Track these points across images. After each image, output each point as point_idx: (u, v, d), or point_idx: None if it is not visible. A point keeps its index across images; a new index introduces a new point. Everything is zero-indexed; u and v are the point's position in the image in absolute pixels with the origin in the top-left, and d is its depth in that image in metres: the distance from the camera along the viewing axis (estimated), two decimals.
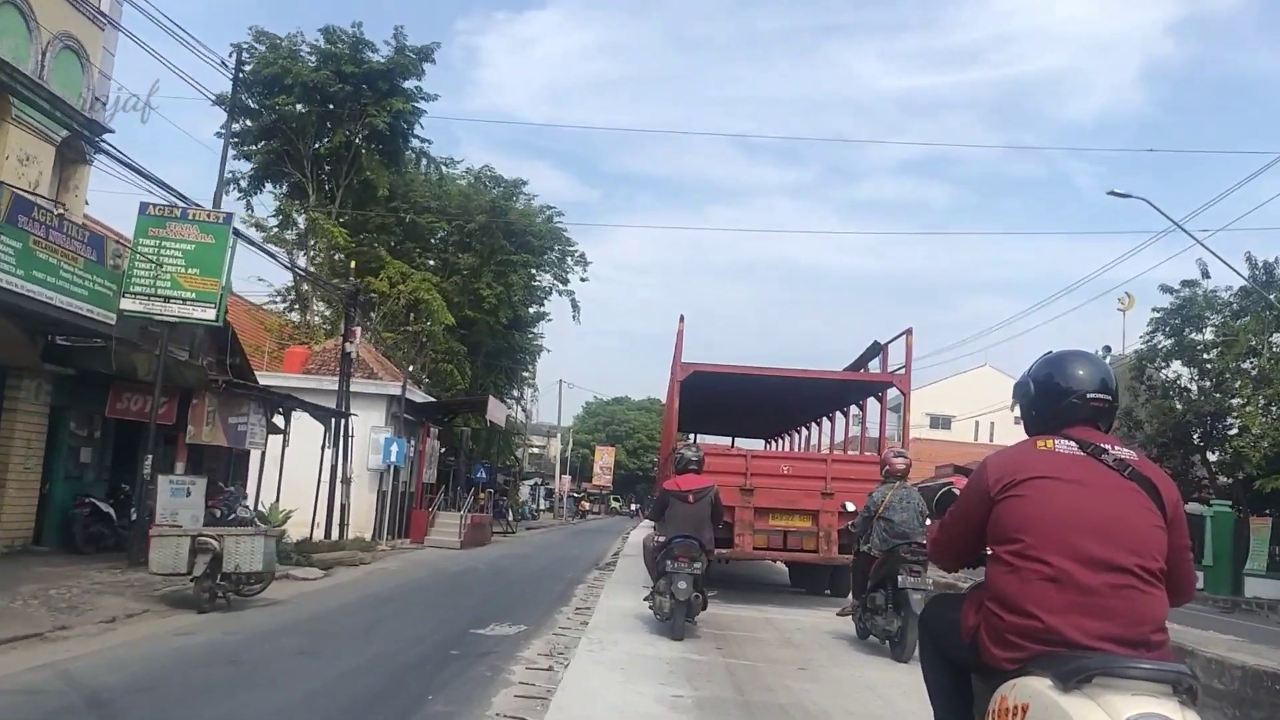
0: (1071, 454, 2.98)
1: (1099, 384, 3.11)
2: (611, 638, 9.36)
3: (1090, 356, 3.30)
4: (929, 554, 3.95)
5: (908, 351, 14.17)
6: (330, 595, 13.65)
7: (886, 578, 9.26)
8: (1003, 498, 2.98)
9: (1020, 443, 3.19)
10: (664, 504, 10.30)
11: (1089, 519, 2.83)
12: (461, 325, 40.79)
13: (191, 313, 13.96)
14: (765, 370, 15.11)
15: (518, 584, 16.93)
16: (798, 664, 8.75)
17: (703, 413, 19.58)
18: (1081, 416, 3.09)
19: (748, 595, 14.85)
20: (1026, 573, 2.82)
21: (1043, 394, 3.19)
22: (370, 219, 35.59)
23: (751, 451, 18.16)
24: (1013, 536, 2.90)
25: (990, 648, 2.89)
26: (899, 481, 9.87)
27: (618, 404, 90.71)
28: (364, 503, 25.25)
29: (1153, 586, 2.80)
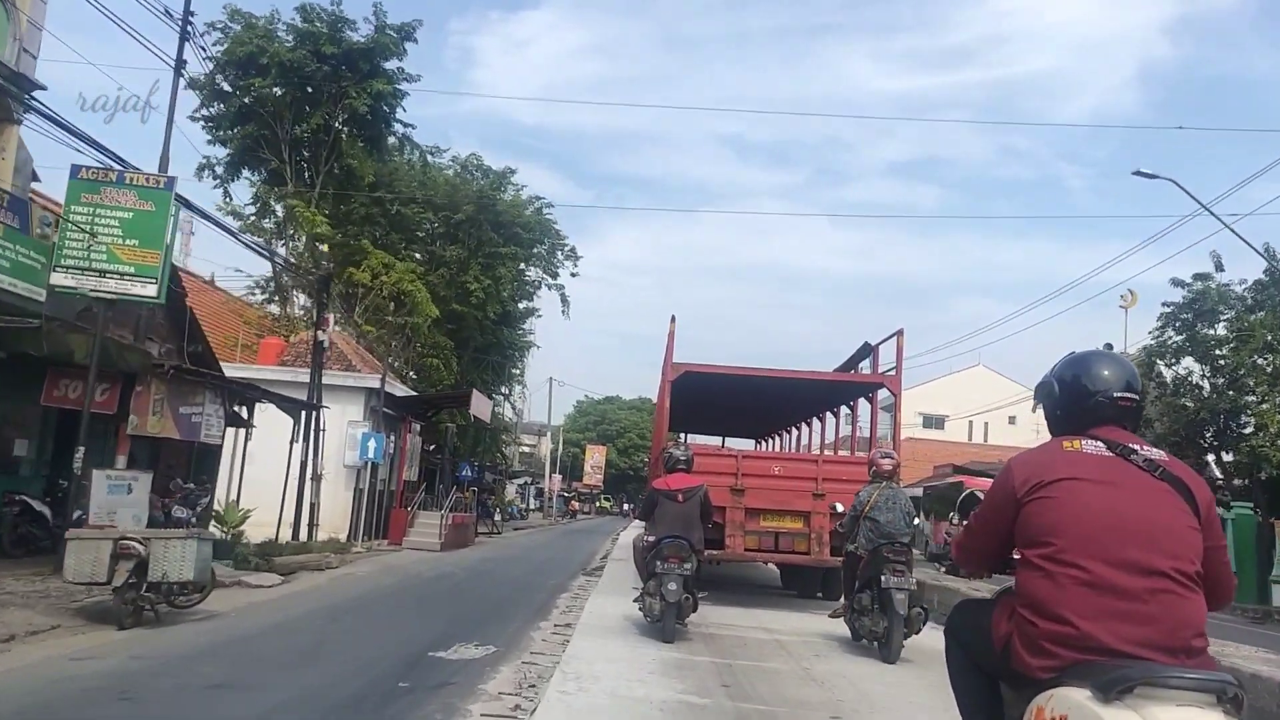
0: (1100, 454, 2.89)
1: (1125, 384, 3.03)
2: (592, 670, 7.77)
3: (1115, 356, 3.22)
4: (954, 559, 3.58)
5: (899, 352, 13.92)
6: (281, 606, 12.05)
7: (872, 578, 9.17)
8: (1030, 499, 2.87)
9: (1045, 443, 3.07)
10: (653, 503, 10.09)
11: (1123, 521, 2.73)
12: (448, 320, 39.22)
13: (130, 288, 12.34)
14: (756, 371, 14.80)
15: (494, 592, 15.33)
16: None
17: (694, 413, 19.29)
18: (1108, 416, 3.00)
19: (739, 598, 14.39)
20: (1060, 577, 2.71)
21: (1068, 394, 3.10)
22: (354, 210, 34.01)
23: (742, 452, 17.69)
24: (1043, 540, 2.80)
25: (1024, 656, 2.77)
26: (886, 482, 9.81)
27: (609, 403, 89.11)
28: (340, 501, 23.68)
29: (1191, 590, 2.69)
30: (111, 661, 7.81)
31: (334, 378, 23.91)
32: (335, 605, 12.55)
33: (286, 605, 12.19)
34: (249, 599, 12.46)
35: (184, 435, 14.27)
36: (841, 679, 8.12)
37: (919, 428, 71.55)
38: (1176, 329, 30.97)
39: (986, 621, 3.07)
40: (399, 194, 35.00)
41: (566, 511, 65.26)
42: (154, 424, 13.39)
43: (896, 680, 8.25)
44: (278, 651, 9.05)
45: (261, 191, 31.59)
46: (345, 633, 10.46)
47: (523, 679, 7.66)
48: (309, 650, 9.14)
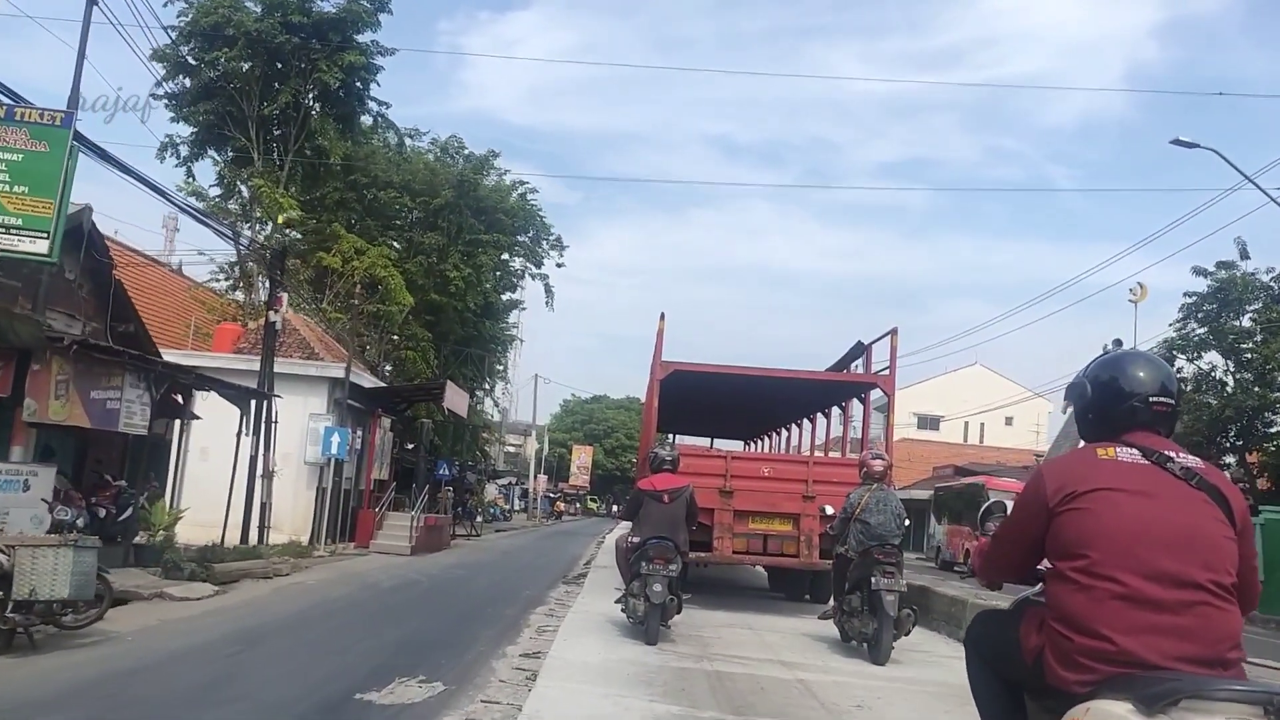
0: (1135, 462, 2.76)
1: (1160, 387, 2.89)
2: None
3: (1151, 358, 3.11)
4: (974, 569, 3.31)
5: (892, 352, 13.54)
6: (199, 626, 9.98)
7: (862, 580, 9.05)
8: (1064, 510, 2.74)
9: (1077, 450, 3.00)
10: (638, 503, 9.84)
11: (1160, 532, 2.63)
12: (427, 310, 37.10)
13: (16, 244, 10.30)
14: (747, 370, 14.26)
15: (458, 606, 13.26)
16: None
17: (683, 413, 18.74)
18: (1142, 421, 2.86)
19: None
20: (1096, 591, 2.61)
21: (1101, 397, 2.95)
22: (327, 195, 31.91)
23: (731, 453, 17.36)
24: (1078, 552, 2.67)
25: (1058, 670, 2.66)
26: (877, 483, 9.61)
27: (596, 402, 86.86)
28: (301, 501, 21.57)
29: (1227, 602, 2.60)
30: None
31: (294, 366, 21.81)
32: (264, 624, 10.49)
33: (206, 625, 10.12)
34: (164, 615, 10.41)
35: (96, 423, 12.14)
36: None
37: (913, 428, 69.81)
38: (1199, 320, 29.25)
39: (1014, 634, 2.93)
40: (374, 178, 32.89)
41: (552, 513, 63.07)
42: (57, 409, 11.27)
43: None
44: (163, 691, 7.03)
45: (226, 172, 29.41)
46: (262, 663, 8.41)
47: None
48: (204, 689, 7.08)
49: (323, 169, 31.74)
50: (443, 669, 7.90)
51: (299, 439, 21.49)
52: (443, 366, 37.09)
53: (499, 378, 45.29)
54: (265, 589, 13.60)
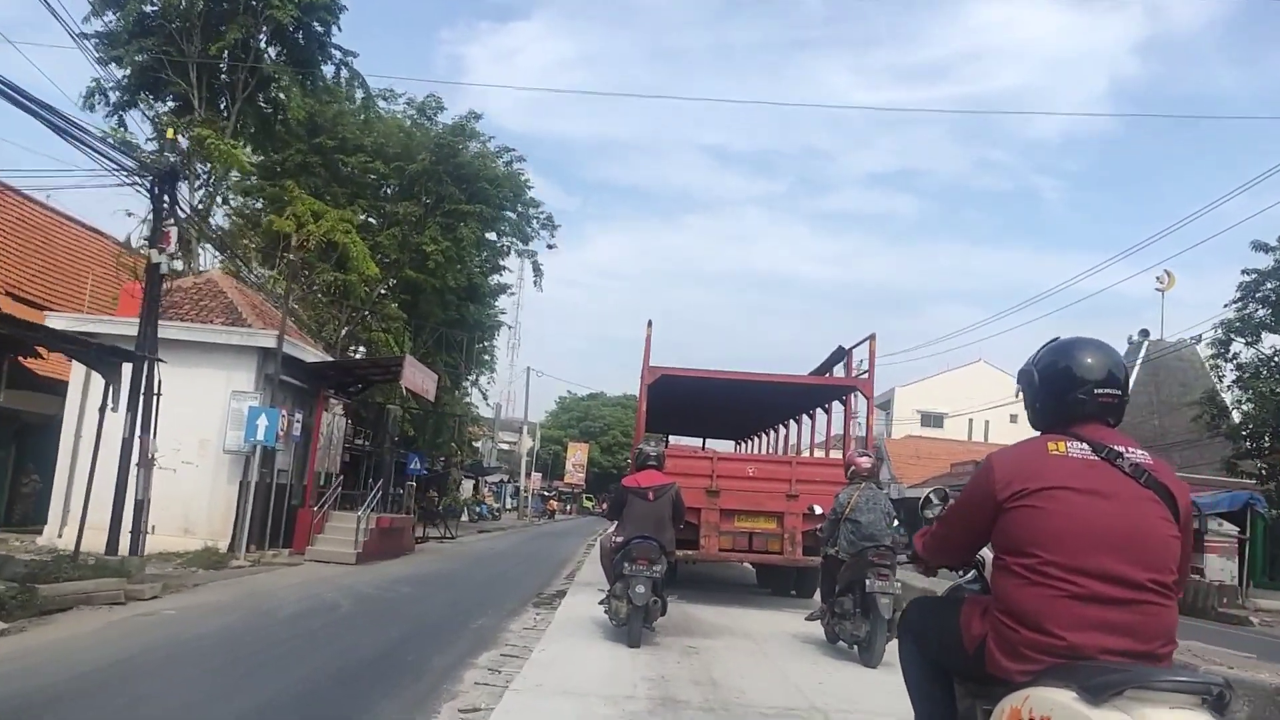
0: (1085, 459, 2.69)
1: (1108, 375, 2.77)
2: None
3: (1099, 344, 2.88)
4: (916, 552, 3.18)
5: (871, 356, 13.78)
6: None
7: (854, 581, 8.70)
8: (1013, 506, 2.68)
9: (1028, 442, 2.84)
10: (622, 501, 9.35)
11: (1110, 534, 2.59)
12: (403, 289, 32.92)
13: None
14: (732, 374, 14.42)
15: (363, 652, 8.76)
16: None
17: (674, 415, 19.03)
18: (1089, 412, 2.77)
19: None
20: (1046, 589, 2.57)
21: (1048, 386, 2.85)
22: (288, 158, 27.68)
23: (717, 453, 17.13)
24: (1027, 550, 2.63)
25: (1002, 660, 2.63)
26: (865, 482, 9.33)
27: (592, 399, 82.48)
28: (220, 498, 17.30)
29: (1167, 599, 2.62)
30: None
31: (214, 333, 17.53)
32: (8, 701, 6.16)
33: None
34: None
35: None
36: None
37: (917, 425, 65.69)
38: (1259, 300, 25.27)
39: (953, 621, 2.87)
40: (342, 140, 28.60)
41: (544, 511, 58.67)
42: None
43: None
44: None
45: (164, 121, 25.07)
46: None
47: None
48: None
49: (281, 127, 27.54)
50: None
51: (218, 422, 17.22)
52: (423, 354, 32.84)
53: (485, 366, 40.97)
54: (94, 624, 9.28)
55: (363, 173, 30.24)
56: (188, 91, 24.39)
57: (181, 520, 17.09)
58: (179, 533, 17.00)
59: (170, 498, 17.09)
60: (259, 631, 9.65)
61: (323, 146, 28.31)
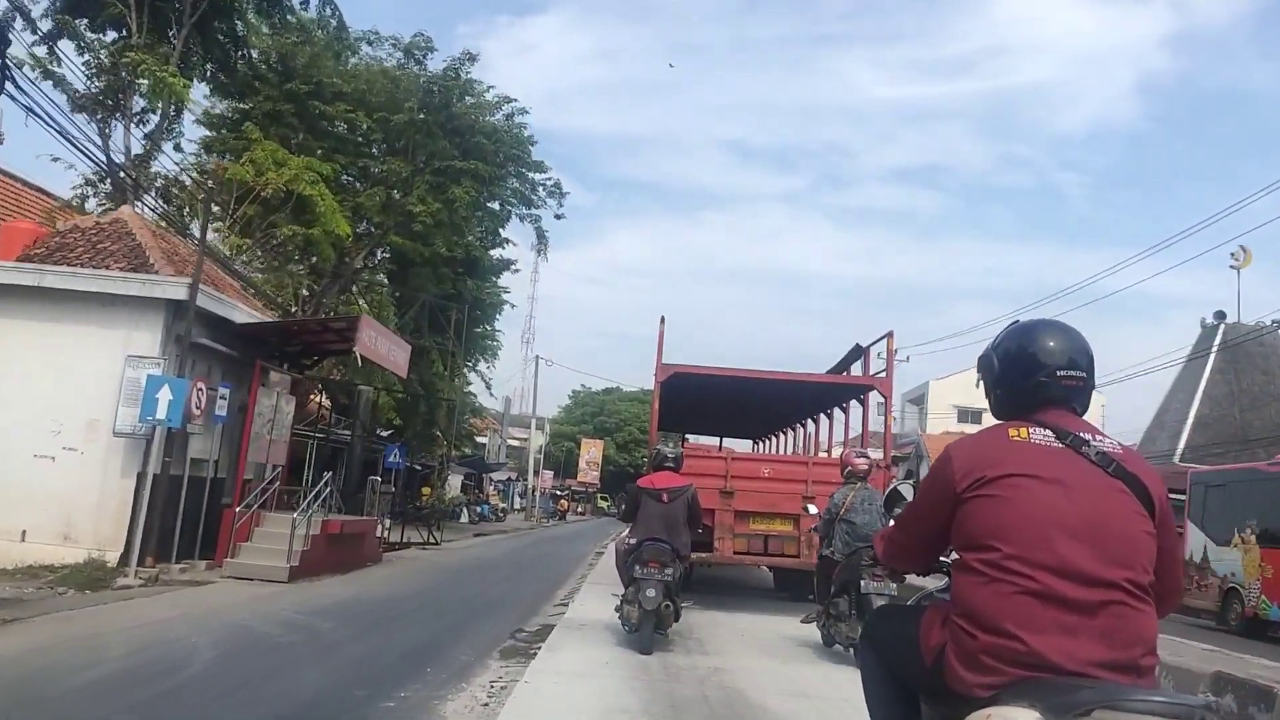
0: (1048, 446, 2.40)
1: (1069, 359, 2.50)
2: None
3: (1061, 326, 2.63)
4: (878, 555, 2.92)
5: (889, 354, 13.42)
6: None
7: (849, 583, 8.47)
8: (972, 496, 2.37)
9: (988, 430, 2.55)
10: (636, 503, 8.95)
11: (1073, 525, 2.26)
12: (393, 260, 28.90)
13: None
14: (745, 372, 13.58)
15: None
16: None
17: (689, 413, 18.24)
18: (1053, 397, 2.49)
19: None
20: (1005, 585, 2.23)
21: (1008, 370, 2.57)
22: (255, 105, 23.57)
23: (731, 453, 16.91)
24: (985, 543, 2.30)
25: (960, 671, 2.27)
26: (861, 482, 9.09)
27: (607, 394, 78.02)
28: (112, 496, 13.06)
29: (1143, 603, 2.25)
30: None
31: (103, 281, 13.29)
32: None
33: None
34: None
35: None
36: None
37: (953, 422, 60.95)
38: None
39: (913, 630, 2.53)
40: (318, 84, 24.41)
41: (554, 512, 54.28)
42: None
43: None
44: None
45: (100, 49, 20.90)
46: None
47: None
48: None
49: (244, 67, 23.46)
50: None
51: (109, 396, 13.02)
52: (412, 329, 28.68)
53: (488, 351, 36.69)
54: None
55: (343, 125, 26.08)
56: (125, 15, 20.27)
57: (61, 524, 12.93)
58: (57, 539, 12.88)
59: (47, 494, 13.02)
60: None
61: (295, 93, 24.12)
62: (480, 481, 46.98)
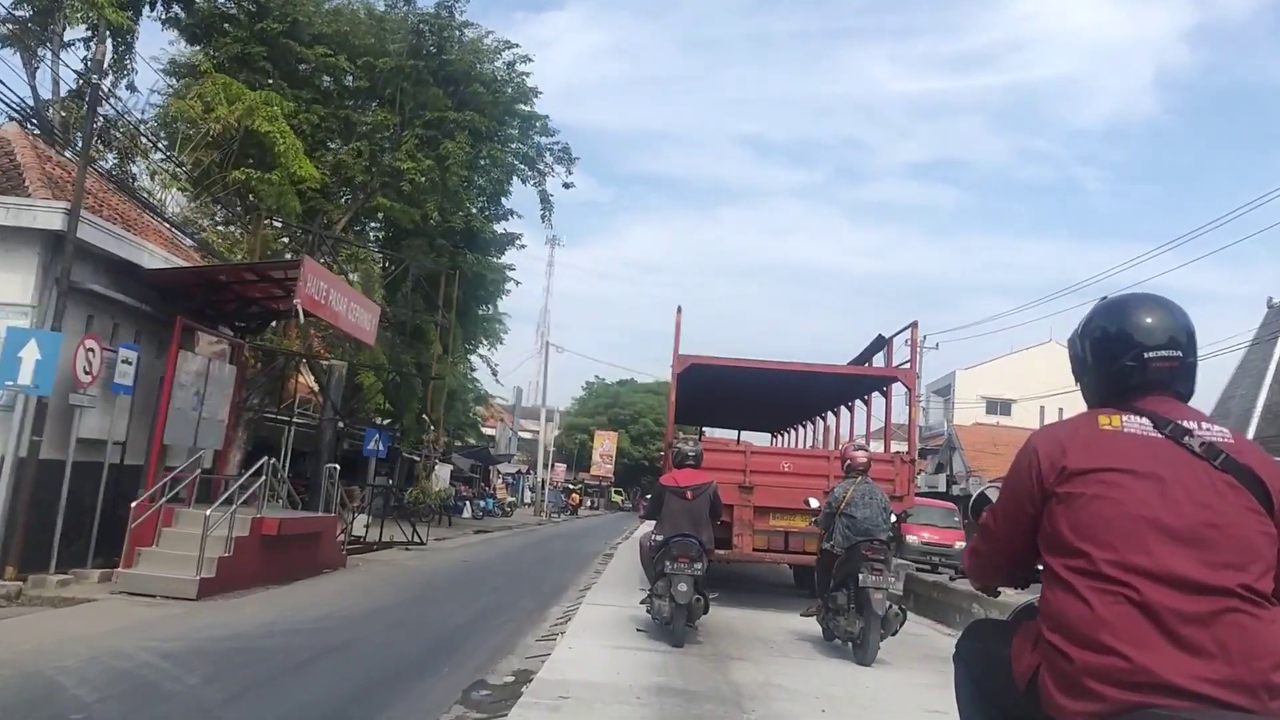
0: (1145, 435, 2.02)
1: (1167, 337, 2.09)
2: None
3: (1155, 299, 2.18)
4: (965, 572, 2.47)
5: (913, 345, 12.76)
6: None
7: (848, 577, 8.19)
8: (1059, 493, 1.99)
9: (1076, 418, 2.16)
10: (660, 500, 8.92)
11: (1173, 526, 1.90)
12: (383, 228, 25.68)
13: None
14: (765, 364, 12.83)
15: None
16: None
17: (707, 406, 17.42)
18: (1149, 381, 2.10)
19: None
20: (1098, 595, 1.88)
21: (1097, 352, 2.18)
22: (222, 46, 20.33)
23: (751, 447, 14.92)
24: (1076, 547, 1.94)
25: (1057, 697, 1.91)
26: (861, 476, 8.76)
27: (622, 386, 74.61)
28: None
29: (1263, 610, 1.86)
30: None
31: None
32: None
33: None
34: None
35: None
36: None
37: (981, 412, 57.20)
38: None
39: (1004, 650, 2.17)
40: (293, 23, 21.14)
41: (565, 506, 50.91)
42: None
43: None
44: None
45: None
46: None
47: None
48: None
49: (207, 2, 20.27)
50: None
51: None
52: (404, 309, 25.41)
53: (492, 335, 33.37)
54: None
55: (323, 71, 22.79)
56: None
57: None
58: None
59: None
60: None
61: (268, 32, 20.85)
62: (487, 474, 43.72)
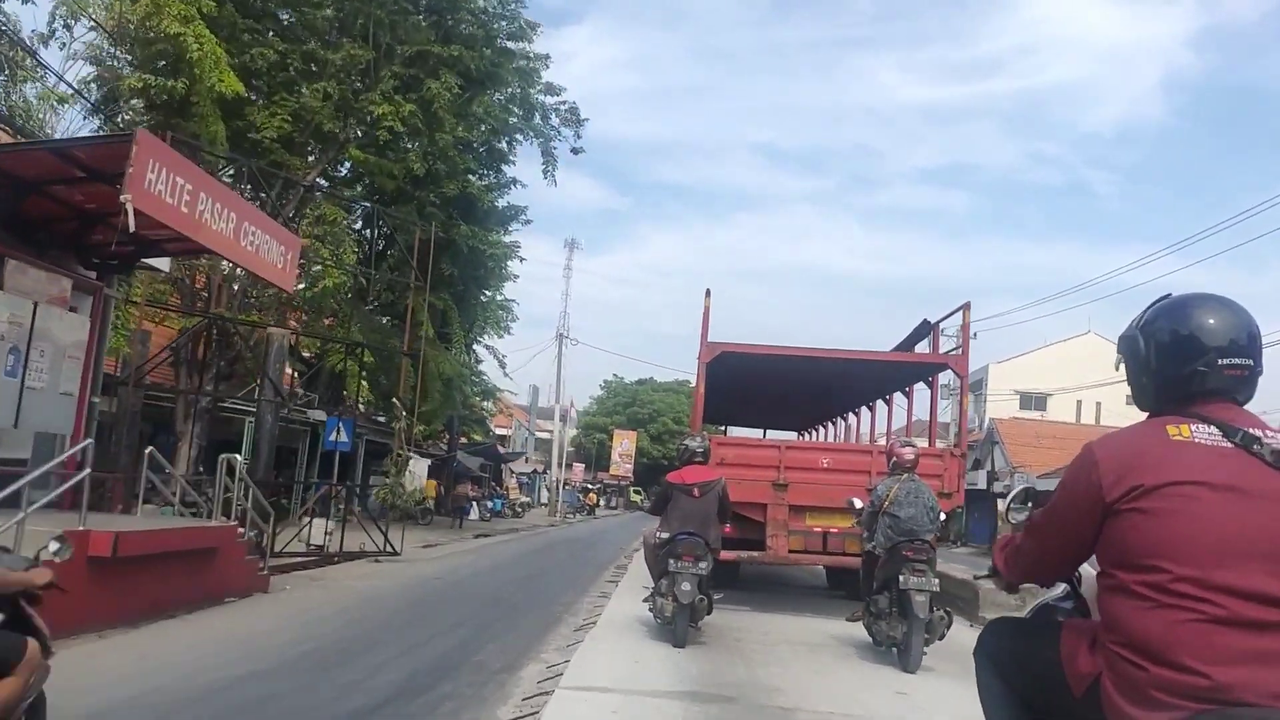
0: (1216, 446, 1.88)
1: (1235, 342, 1.96)
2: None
3: (1222, 301, 2.04)
4: (996, 563, 2.34)
5: (964, 329, 11.54)
6: None
7: (889, 579, 7.47)
8: (1127, 508, 1.88)
9: (1141, 426, 2.03)
10: (666, 497, 8.34)
11: (1253, 539, 1.79)
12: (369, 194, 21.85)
13: None
14: (803, 351, 11.55)
15: None
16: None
17: (732, 401, 15.50)
18: (1213, 387, 1.97)
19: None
20: (1176, 612, 1.79)
21: (1161, 355, 2.03)
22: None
23: (786, 442, 14.33)
24: (1148, 564, 1.84)
25: (1125, 707, 1.84)
26: (907, 474, 7.93)
27: (640, 385, 70.65)
28: None
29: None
30: None
31: None
32: None
33: None
34: None
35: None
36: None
37: (1015, 407, 52.84)
38: None
39: (1051, 653, 2.07)
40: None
41: (582, 507, 46.82)
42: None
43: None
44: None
45: None
46: None
47: None
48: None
49: None
50: None
51: None
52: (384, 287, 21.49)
53: (494, 322, 29.39)
54: None
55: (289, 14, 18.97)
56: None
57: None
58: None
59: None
60: None
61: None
62: (498, 473, 39.74)
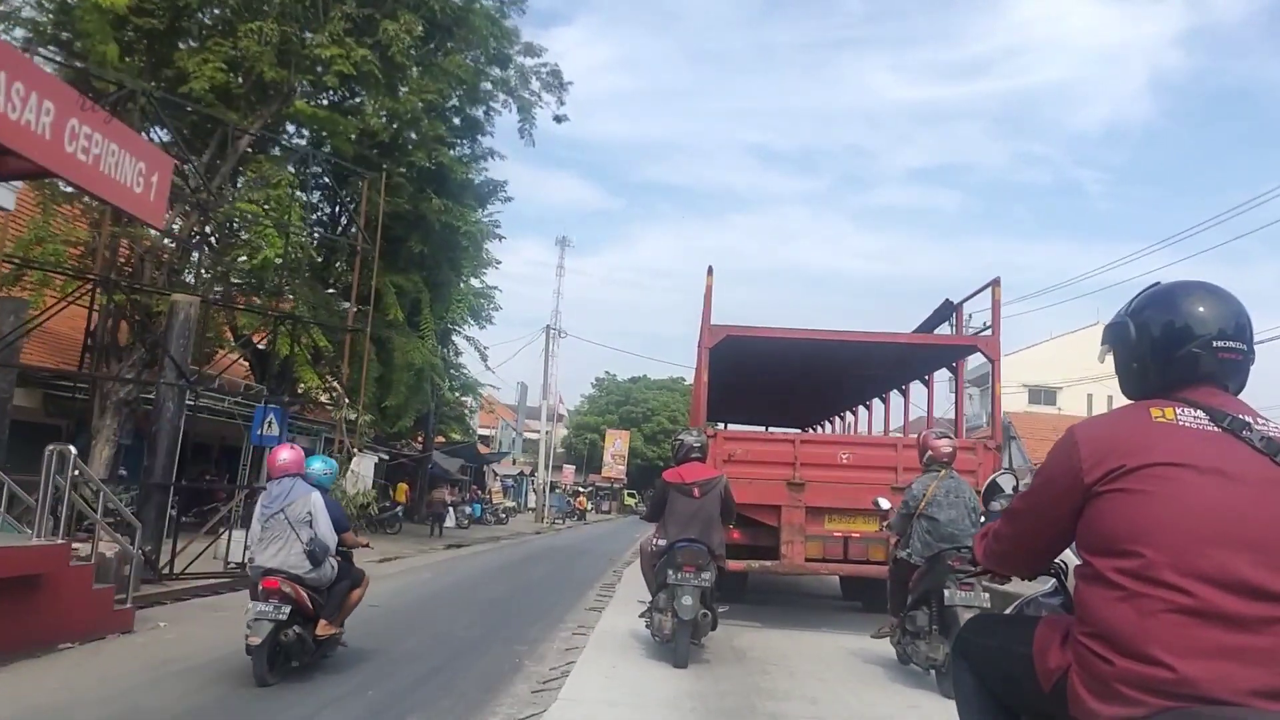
0: (1202, 429, 1.80)
1: (1232, 327, 1.88)
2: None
3: (1212, 288, 1.97)
4: (976, 557, 2.24)
5: (994, 309, 9.73)
6: None
7: (929, 592, 6.46)
8: (1106, 490, 1.78)
9: (1124, 409, 1.93)
10: (663, 499, 7.35)
11: (1238, 527, 1.69)
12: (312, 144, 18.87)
13: None
14: (820, 333, 10.01)
15: None
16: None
17: (736, 392, 13.85)
18: (1204, 373, 1.89)
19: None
20: (1151, 601, 1.69)
21: (1149, 340, 1.95)
22: None
23: (801, 436, 13.38)
24: (1125, 549, 1.74)
25: (1089, 701, 1.74)
26: (945, 469, 6.88)
27: (634, 383, 67.83)
28: None
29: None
30: None
31: None
32: None
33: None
34: None
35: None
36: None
37: (1024, 401, 50.24)
38: None
39: (1024, 648, 1.98)
40: None
41: (571, 511, 43.99)
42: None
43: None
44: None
45: None
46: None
47: None
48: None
49: None
50: None
51: None
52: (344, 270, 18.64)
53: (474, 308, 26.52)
54: None
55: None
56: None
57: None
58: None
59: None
60: None
61: None
62: (480, 476, 36.85)
